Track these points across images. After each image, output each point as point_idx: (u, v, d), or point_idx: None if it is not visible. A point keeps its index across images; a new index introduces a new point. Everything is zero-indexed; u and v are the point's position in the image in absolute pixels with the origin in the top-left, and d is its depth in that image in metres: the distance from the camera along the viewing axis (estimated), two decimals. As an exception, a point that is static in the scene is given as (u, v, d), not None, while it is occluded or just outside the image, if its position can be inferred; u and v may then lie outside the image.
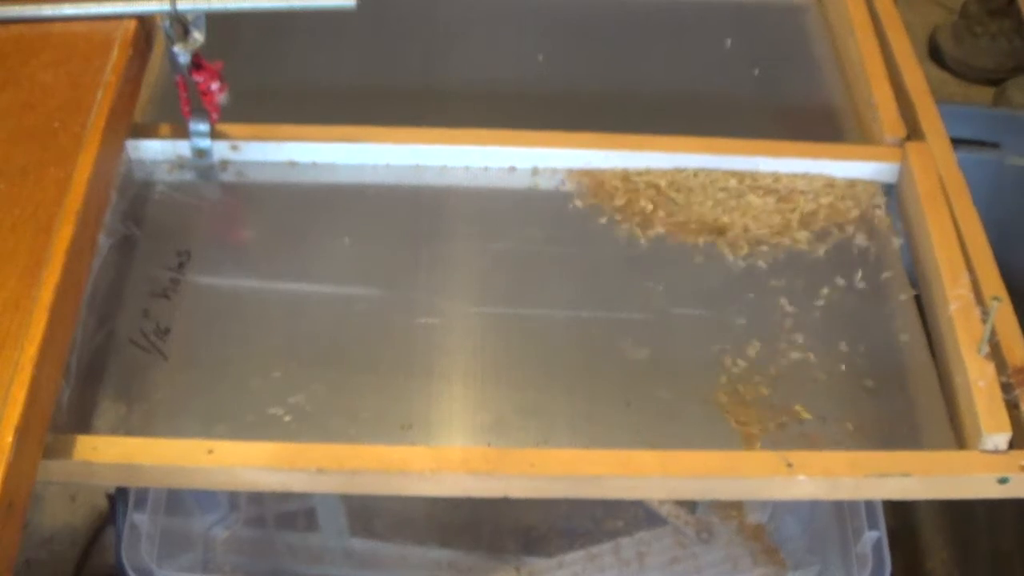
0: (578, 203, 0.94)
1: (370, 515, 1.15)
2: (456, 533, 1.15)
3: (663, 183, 0.95)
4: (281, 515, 1.15)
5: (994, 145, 1.43)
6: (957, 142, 1.38)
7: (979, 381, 0.78)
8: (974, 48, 2.08)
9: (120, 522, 1.03)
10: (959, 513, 1.40)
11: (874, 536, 1.01)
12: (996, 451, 0.77)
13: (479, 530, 1.16)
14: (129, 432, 0.77)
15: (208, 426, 0.78)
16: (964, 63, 2.09)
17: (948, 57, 2.11)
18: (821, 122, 1.05)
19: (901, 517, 1.41)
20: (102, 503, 1.43)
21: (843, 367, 0.84)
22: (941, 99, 1.02)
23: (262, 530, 1.15)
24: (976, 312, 0.83)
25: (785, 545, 1.13)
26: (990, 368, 0.79)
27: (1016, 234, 1.41)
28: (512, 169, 0.96)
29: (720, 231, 0.93)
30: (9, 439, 0.65)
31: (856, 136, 1.02)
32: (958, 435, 0.80)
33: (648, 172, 0.96)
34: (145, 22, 0.91)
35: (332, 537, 1.14)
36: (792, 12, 1.17)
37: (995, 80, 2.06)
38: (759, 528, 1.14)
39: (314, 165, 0.95)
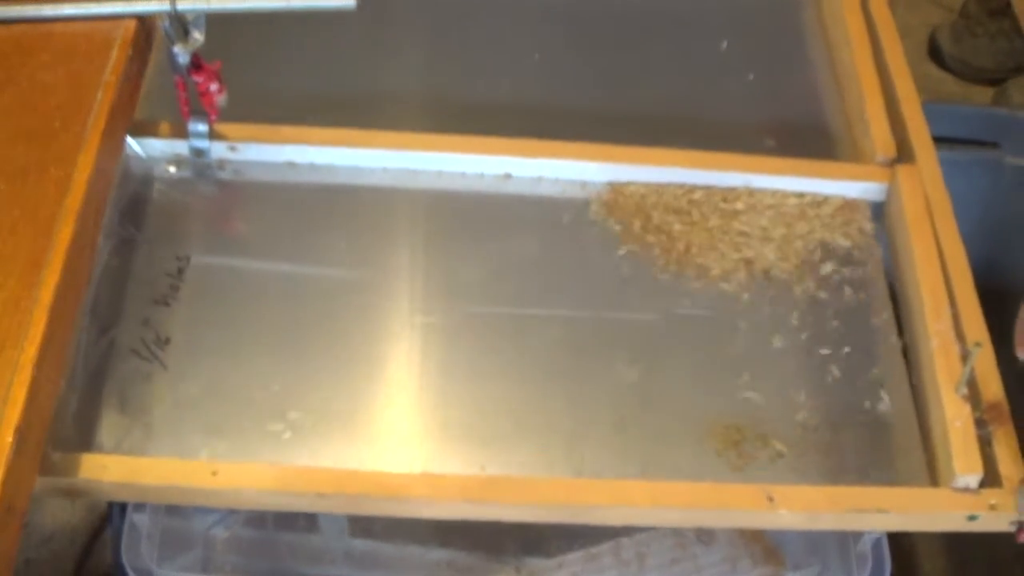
0: (572, 214, 0.94)
1: (370, 516, 1.15)
2: (456, 533, 1.15)
3: (655, 196, 0.95)
4: (281, 515, 1.15)
5: (994, 145, 1.43)
6: (957, 142, 1.39)
7: (955, 421, 0.80)
8: (974, 48, 2.08)
9: (120, 522, 1.03)
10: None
11: (874, 536, 1.01)
12: (967, 490, 0.78)
13: (478, 530, 1.15)
14: (132, 445, 0.78)
15: (209, 440, 0.79)
16: (964, 63, 2.09)
17: (948, 57, 2.11)
18: (813, 131, 1.05)
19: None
20: (102, 503, 1.43)
21: (826, 397, 0.85)
22: (941, 99, 1.01)
23: (262, 530, 1.15)
24: (956, 350, 0.84)
25: (785, 545, 1.13)
26: (966, 409, 0.81)
27: (1015, 234, 1.41)
28: (507, 176, 0.96)
29: (711, 249, 0.92)
30: (9, 439, 0.65)
31: (847, 148, 1.02)
32: (932, 471, 0.82)
33: (642, 185, 0.96)
34: (145, 22, 0.91)
35: (332, 537, 1.14)
36: (788, 12, 1.17)
37: (995, 80, 2.06)
38: (759, 529, 1.14)
39: (312, 167, 0.95)
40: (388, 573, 1.14)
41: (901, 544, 1.41)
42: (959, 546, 1.41)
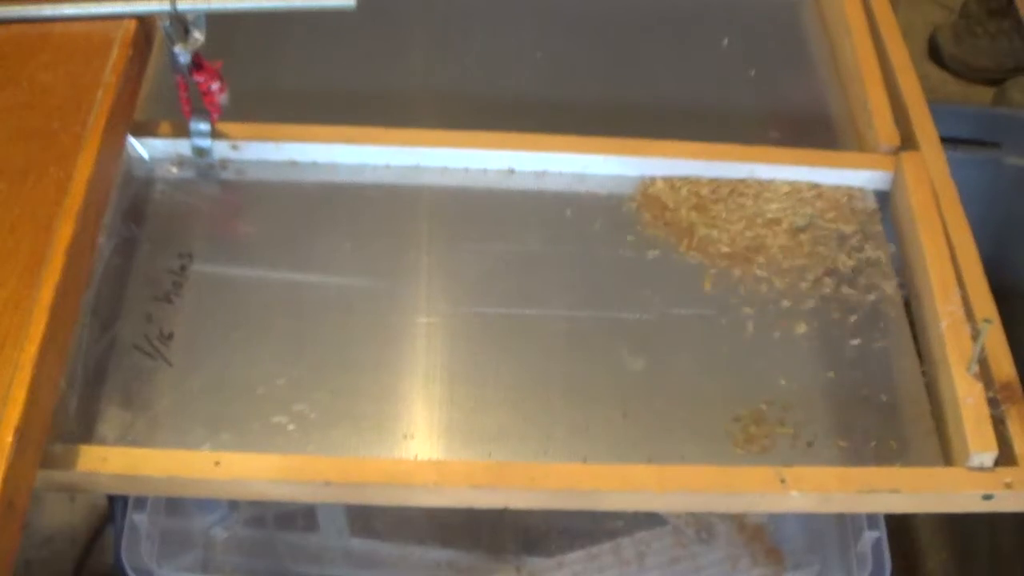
0: (576, 208, 0.94)
1: (370, 515, 1.15)
2: (456, 533, 1.15)
3: (660, 189, 0.95)
4: (281, 515, 1.15)
5: (994, 145, 1.43)
6: (957, 142, 1.39)
7: (967, 399, 0.79)
8: (974, 48, 2.08)
9: (120, 522, 1.03)
10: (959, 513, 1.40)
11: (874, 536, 1.01)
12: (982, 468, 0.78)
13: (479, 530, 1.15)
14: (135, 440, 0.78)
15: (213, 434, 0.78)
16: (964, 63, 2.09)
17: (948, 57, 2.11)
18: (816, 124, 1.05)
19: (901, 517, 1.40)
20: (102, 503, 1.43)
21: (837, 380, 0.85)
22: (941, 99, 1.01)
23: (262, 530, 1.15)
24: (966, 329, 0.83)
25: (785, 545, 1.13)
26: (978, 387, 0.80)
27: (1015, 234, 1.42)
28: (511, 171, 0.96)
29: (715, 240, 0.93)
30: (9, 439, 0.65)
31: (851, 139, 1.02)
32: (945, 451, 0.81)
33: (647, 178, 0.96)
34: (145, 22, 0.91)
35: (332, 537, 1.14)
36: (788, 8, 1.17)
37: (995, 80, 2.06)
38: (759, 528, 1.14)
39: (314, 165, 0.95)
40: (388, 573, 1.14)
41: (902, 540, 1.41)
42: (961, 541, 1.41)
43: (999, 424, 0.79)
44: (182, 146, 0.93)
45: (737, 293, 0.90)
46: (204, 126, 0.91)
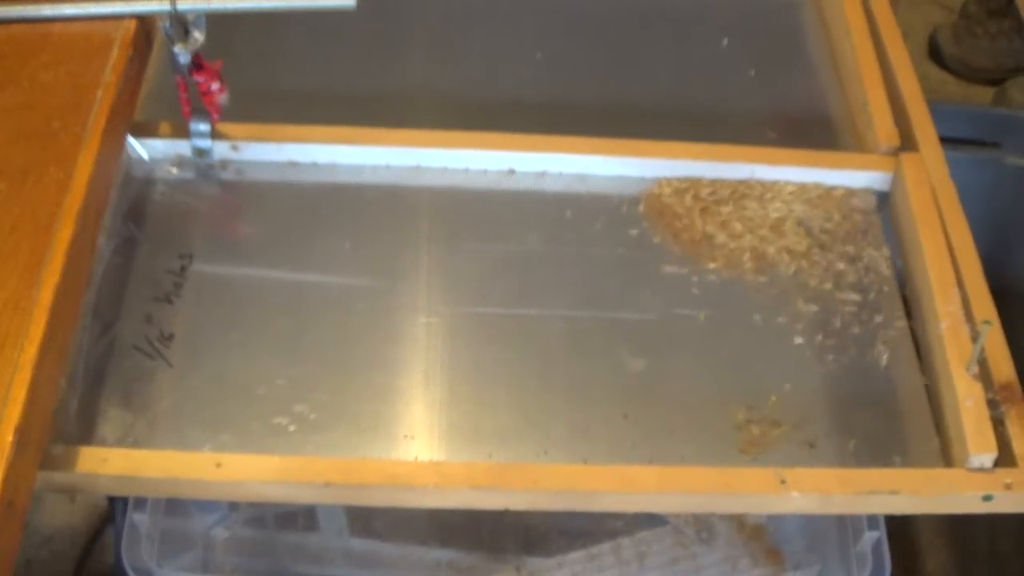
0: (576, 208, 0.94)
1: (370, 515, 1.15)
2: (456, 533, 1.15)
3: (660, 190, 0.95)
4: (281, 515, 1.15)
5: (994, 145, 1.43)
6: (957, 142, 1.39)
7: (967, 400, 0.80)
8: (974, 48, 2.08)
9: (120, 522, 1.03)
10: (959, 514, 1.40)
11: (874, 536, 1.01)
12: (982, 470, 0.78)
13: (479, 530, 1.15)
14: (136, 440, 0.78)
15: (214, 435, 0.78)
16: (964, 63, 2.09)
17: (948, 57, 2.11)
18: (816, 124, 1.05)
19: (901, 517, 1.40)
20: (102, 503, 1.43)
21: (837, 381, 0.85)
22: (941, 99, 1.01)
23: (262, 530, 1.15)
24: (965, 330, 0.84)
25: (785, 545, 1.13)
26: (978, 388, 0.80)
27: (1015, 234, 1.42)
28: (511, 172, 0.96)
29: (718, 239, 0.93)
30: (9, 439, 0.65)
31: (850, 139, 1.02)
32: (945, 452, 0.81)
33: (647, 179, 0.96)
34: (145, 22, 0.91)
35: (332, 537, 1.14)
36: (788, 8, 1.17)
37: (995, 80, 2.06)
38: (759, 528, 1.14)
39: (314, 165, 0.95)
40: (388, 573, 1.14)
41: (903, 540, 1.41)
42: (961, 541, 1.41)
43: (999, 425, 0.79)
44: (182, 146, 0.93)
45: (738, 293, 0.90)
46: (204, 126, 0.91)
